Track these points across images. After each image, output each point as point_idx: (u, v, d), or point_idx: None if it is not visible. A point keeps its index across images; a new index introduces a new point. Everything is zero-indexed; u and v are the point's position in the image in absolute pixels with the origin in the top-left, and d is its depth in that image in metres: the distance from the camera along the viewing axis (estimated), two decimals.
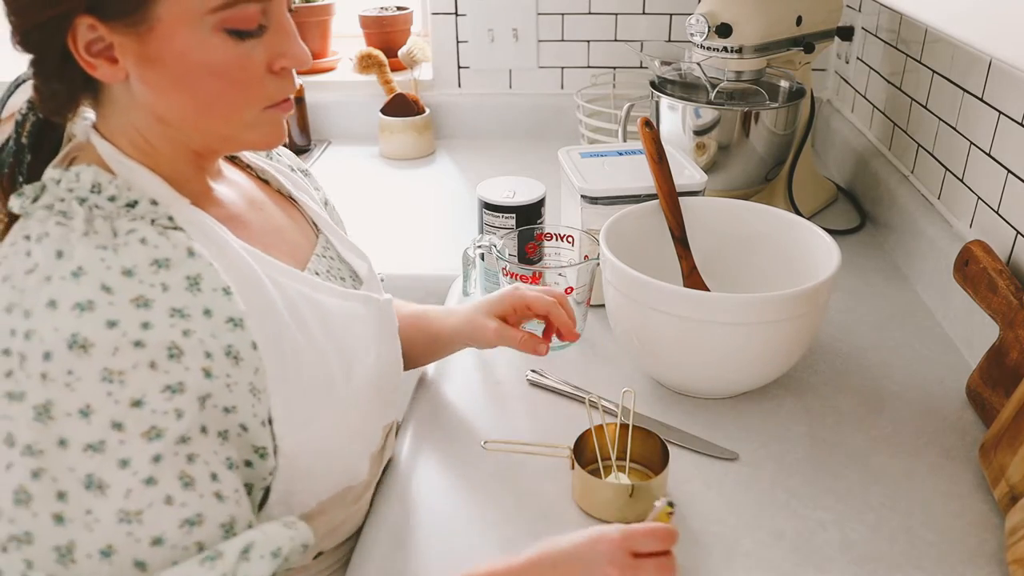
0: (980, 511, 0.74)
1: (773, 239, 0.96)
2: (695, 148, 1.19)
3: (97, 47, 0.57)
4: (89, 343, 0.52)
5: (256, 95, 0.61)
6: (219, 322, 0.58)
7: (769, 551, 0.70)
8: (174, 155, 0.63)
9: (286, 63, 0.62)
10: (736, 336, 0.80)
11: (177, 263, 0.57)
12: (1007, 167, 0.92)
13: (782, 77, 1.24)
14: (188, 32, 0.57)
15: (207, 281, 0.58)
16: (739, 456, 0.81)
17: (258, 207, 0.72)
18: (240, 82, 0.60)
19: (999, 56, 0.47)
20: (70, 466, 0.52)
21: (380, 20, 1.72)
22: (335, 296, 0.71)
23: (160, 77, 0.58)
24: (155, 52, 0.57)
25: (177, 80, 0.58)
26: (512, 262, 0.96)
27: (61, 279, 0.53)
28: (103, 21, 0.56)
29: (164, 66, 0.58)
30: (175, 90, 0.59)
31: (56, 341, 0.52)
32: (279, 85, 0.62)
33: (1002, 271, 0.85)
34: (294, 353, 0.64)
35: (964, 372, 0.92)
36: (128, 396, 0.53)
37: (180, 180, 0.64)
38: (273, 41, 0.61)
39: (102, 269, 0.54)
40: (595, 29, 1.61)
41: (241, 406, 0.59)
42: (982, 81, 0.97)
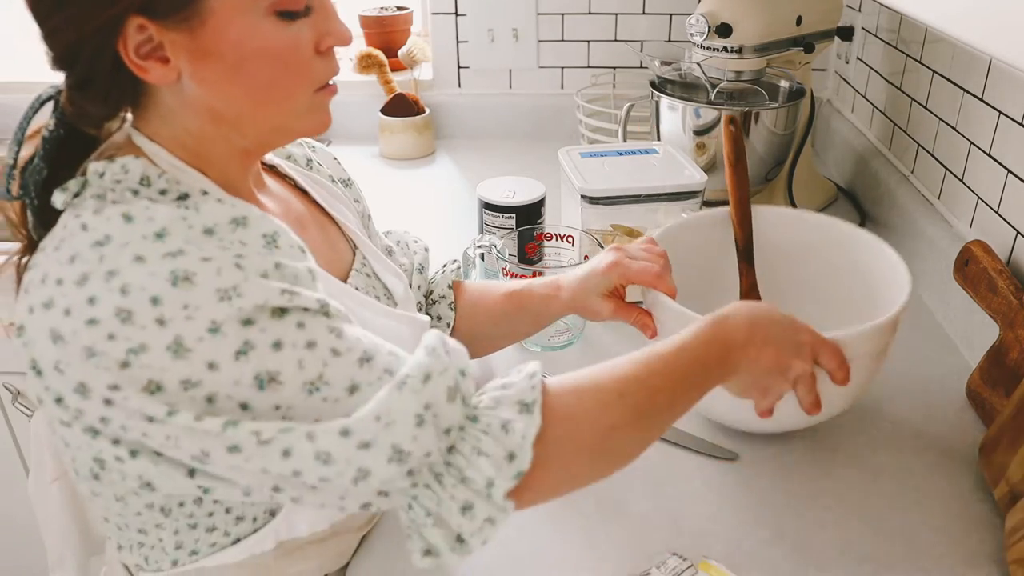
0: (980, 511, 0.74)
1: (832, 254, 0.89)
2: (695, 148, 1.19)
3: (146, 48, 0.55)
4: (191, 273, 0.51)
5: (308, 78, 0.60)
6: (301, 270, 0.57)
7: (769, 551, 0.70)
8: (224, 158, 0.62)
9: (332, 41, 0.61)
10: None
11: (254, 221, 0.57)
12: (1007, 167, 0.92)
13: (782, 77, 1.24)
14: (242, 20, 0.56)
15: (283, 238, 0.58)
16: (739, 456, 0.81)
17: (296, 218, 0.70)
18: (293, 65, 0.59)
19: (999, 56, 0.47)
20: (234, 380, 0.51)
21: (380, 20, 1.72)
22: (378, 313, 0.69)
23: (214, 71, 0.57)
24: (210, 45, 0.55)
25: (233, 71, 0.57)
26: (512, 262, 0.96)
27: (143, 238, 0.52)
28: (154, 20, 0.54)
29: (220, 58, 0.56)
30: (230, 82, 0.57)
31: (158, 284, 0.51)
32: (326, 66, 0.62)
33: (1002, 271, 0.85)
34: None
35: (964, 372, 0.92)
36: (251, 303, 0.52)
37: (229, 185, 0.62)
38: (318, 20, 0.60)
39: (184, 228, 0.54)
40: (595, 29, 1.61)
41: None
42: (982, 81, 0.97)
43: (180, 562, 0.65)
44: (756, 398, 0.69)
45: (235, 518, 0.63)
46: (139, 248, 0.52)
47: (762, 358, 0.65)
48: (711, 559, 0.69)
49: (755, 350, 0.65)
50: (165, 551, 0.64)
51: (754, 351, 0.65)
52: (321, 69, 0.61)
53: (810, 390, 0.69)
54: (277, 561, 0.66)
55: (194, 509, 0.61)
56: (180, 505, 0.61)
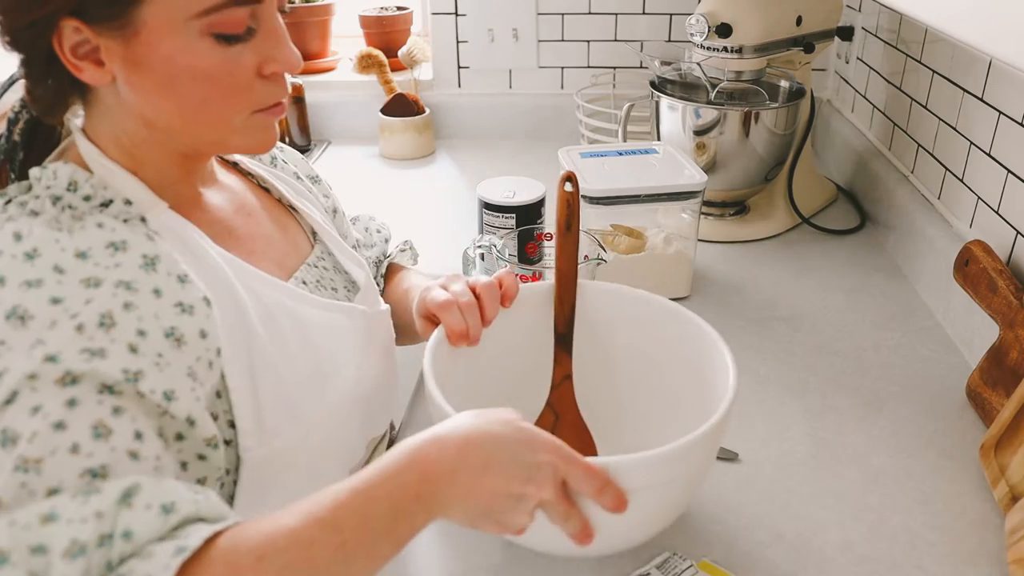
0: (980, 511, 0.74)
1: (664, 338, 0.76)
2: (695, 148, 1.19)
3: (83, 49, 0.56)
4: (28, 315, 0.52)
5: (244, 100, 0.60)
6: (166, 304, 0.56)
7: (769, 551, 0.70)
8: (160, 158, 0.63)
9: (276, 68, 0.60)
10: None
11: (134, 245, 0.57)
12: (1007, 167, 0.92)
13: (782, 77, 1.24)
14: (174, 37, 0.56)
15: (163, 264, 0.57)
16: (739, 456, 0.81)
17: (247, 213, 0.72)
18: (228, 87, 0.59)
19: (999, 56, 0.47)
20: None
21: (380, 20, 1.72)
22: (317, 307, 0.70)
23: (146, 81, 0.57)
24: (141, 56, 0.56)
25: (163, 85, 0.58)
26: (512, 262, 0.96)
27: (12, 257, 0.53)
28: (88, 24, 0.55)
29: (150, 71, 0.57)
30: (161, 95, 0.58)
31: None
32: (269, 90, 0.61)
33: (1002, 271, 0.85)
34: (263, 366, 0.63)
35: (964, 372, 0.92)
36: (44, 353, 0.51)
37: (165, 183, 0.63)
38: (263, 45, 0.60)
39: (56, 251, 0.54)
40: (595, 29, 1.61)
41: (180, 390, 0.55)
42: (982, 81, 0.97)
43: None
44: (490, 530, 0.55)
45: None
46: (5, 267, 0.53)
47: (480, 487, 0.52)
48: (711, 559, 0.69)
49: (468, 477, 0.52)
50: None
51: (467, 479, 0.52)
52: (263, 92, 0.61)
53: (566, 518, 0.56)
54: None
55: None
56: None
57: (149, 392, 0.53)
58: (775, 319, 1.04)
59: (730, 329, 0.73)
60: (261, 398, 0.62)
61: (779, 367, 0.95)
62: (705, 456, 0.63)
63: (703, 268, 1.15)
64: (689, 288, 1.09)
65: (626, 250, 1.06)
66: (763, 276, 1.14)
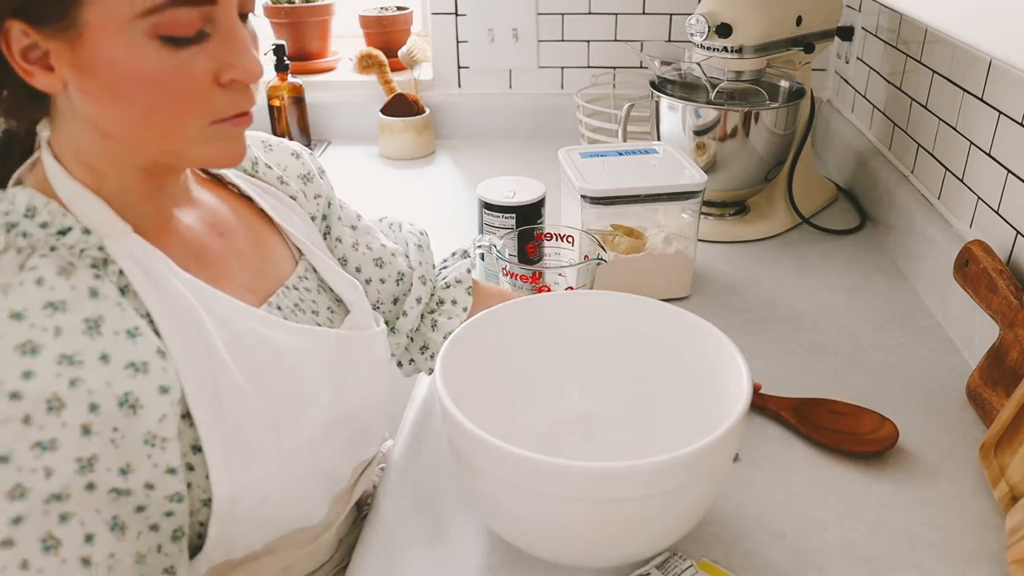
0: (980, 511, 0.74)
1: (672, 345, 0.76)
2: (695, 148, 1.19)
3: (34, 54, 0.54)
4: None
5: (199, 108, 0.56)
6: (117, 368, 0.54)
7: (769, 551, 0.70)
8: (122, 173, 0.60)
9: (235, 75, 0.56)
10: (583, 511, 0.61)
11: (75, 305, 0.53)
12: (1007, 167, 0.92)
13: (782, 77, 1.24)
14: (117, 39, 0.53)
15: (109, 323, 0.54)
16: (739, 456, 0.81)
17: (220, 233, 0.68)
18: (179, 94, 0.55)
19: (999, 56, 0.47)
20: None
21: (380, 20, 1.72)
22: (290, 333, 0.67)
23: (95, 87, 0.54)
24: (86, 60, 0.53)
25: (111, 90, 0.54)
26: (512, 262, 0.96)
27: None
28: (33, 27, 0.52)
29: (96, 75, 0.54)
30: (111, 101, 0.55)
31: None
32: (229, 99, 0.57)
33: (1002, 271, 0.85)
34: (233, 397, 0.60)
35: (964, 372, 0.92)
36: None
37: (129, 201, 0.61)
38: (220, 51, 0.56)
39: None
40: (595, 29, 1.61)
41: (136, 462, 0.54)
42: (982, 81, 0.97)
43: None
44: None
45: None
46: None
47: None
48: (711, 559, 0.69)
49: None
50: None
51: None
52: (222, 101, 0.57)
53: None
54: None
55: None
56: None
57: (104, 473, 0.53)
58: (775, 319, 1.04)
59: (730, 329, 0.73)
60: (233, 429, 0.60)
61: (779, 367, 0.95)
62: (721, 459, 0.63)
63: (703, 268, 1.15)
64: (689, 288, 1.09)
65: (626, 250, 1.06)
66: (763, 276, 1.14)
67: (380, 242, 0.87)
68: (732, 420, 0.61)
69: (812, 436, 0.83)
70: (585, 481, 0.59)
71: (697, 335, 0.74)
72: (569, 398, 0.80)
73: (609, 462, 0.57)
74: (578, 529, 0.62)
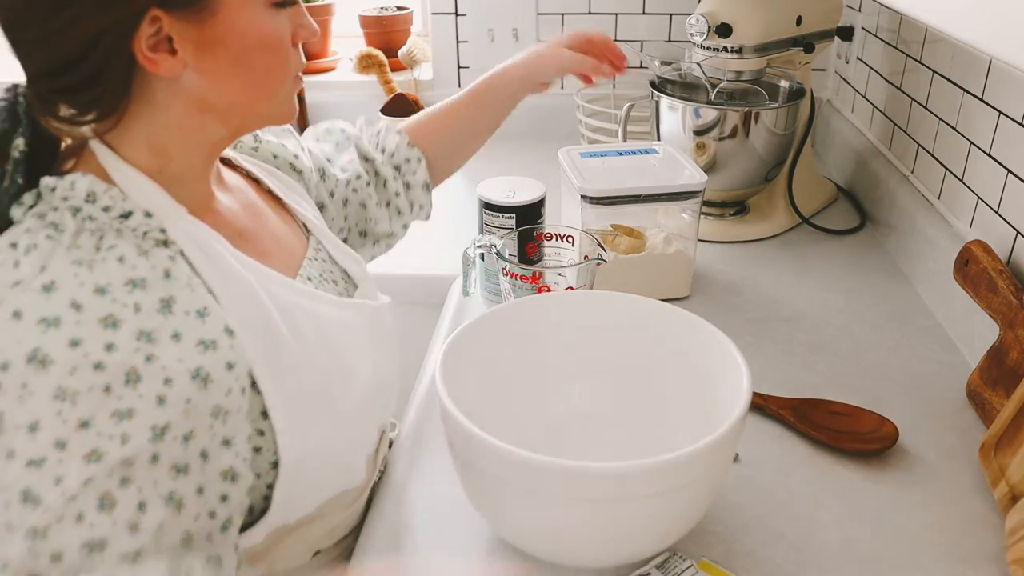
0: (980, 511, 0.74)
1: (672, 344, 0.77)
2: (695, 148, 1.19)
3: (152, 42, 0.56)
4: (49, 360, 0.51)
5: (291, 67, 0.64)
6: (188, 346, 0.56)
7: (769, 551, 0.70)
8: (187, 153, 0.63)
9: (305, 34, 0.65)
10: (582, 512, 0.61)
11: (152, 284, 0.57)
12: (1007, 167, 0.92)
13: (782, 77, 1.24)
14: (249, 10, 0.59)
15: (180, 304, 0.57)
16: (739, 456, 0.81)
17: (256, 212, 0.72)
18: (284, 55, 0.63)
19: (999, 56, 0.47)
20: (13, 478, 0.51)
21: (380, 20, 1.72)
22: (331, 305, 0.70)
23: (218, 61, 0.59)
24: (218, 36, 0.58)
25: (235, 60, 0.60)
26: (512, 262, 0.96)
27: (32, 291, 0.53)
28: (168, 12, 0.55)
29: (224, 48, 0.59)
30: (232, 71, 0.60)
31: (16, 353, 0.51)
32: (298, 58, 0.65)
33: (1002, 271, 0.85)
34: (293, 367, 0.64)
35: (964, 372, 0.92)
36: (77, 417, 0.52)
37: (186, 180, 0.63)
38: (293, 14, 0.63)
39: (75, 285, 0.54)
40: (595, 29, 1.61)
41: (198, 431, 0.57)
42: (982, 81, 0.97)
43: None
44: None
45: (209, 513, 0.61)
46: (24, 301, 0.52)
47: None
48: (711, 559, 0.69)
49: None
50: None
51: None
52: (296, 60, 0.65)
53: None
54: (269, 549, 0.68)
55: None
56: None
57: (171, 443, 0.55)
58: (775, 319, 1.04)
59: (730, 329, 0.73)
60: (295, 397, 0.64)
61: (779, 367, 0.95)
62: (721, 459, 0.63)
63: (703, 268, 1.15)
64: (689, 288, 1.09)
65: (626, 250, 1.06)
66: (763, 276, 1.14)
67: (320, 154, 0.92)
68: (732, 420, 0.61)
69: (812, 436, 0.83)
70: (586, 481, 0.59)
71: (697, 335, 0.74)
72: (569, 398, 0.80)
73: (609, 462, 0.58)
74: (578, 529, 0.62)
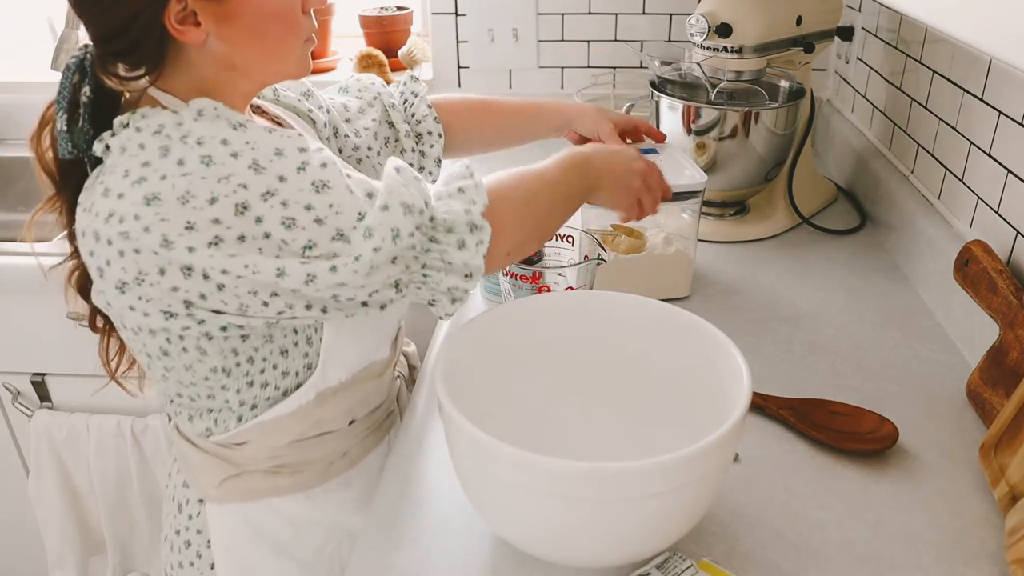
0: (980, 511, 0.74)
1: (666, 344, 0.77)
2: (695, 148, 1.19)
3: (179, 16, 0.67)
4: (280, 151, 0.68)
5: (301, 32, 0.74)
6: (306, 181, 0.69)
7: (769, 551, 0.70)
8: (231, 98, 0.73)
9: (314, 3, 0.74)
10: (579, 511, 0.61)
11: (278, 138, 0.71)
12: (1007, 167, 0.92)
13: (782, 77, 1.24)
14: None
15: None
16: (739, 456, 0.81)
17: None
18: (295, 23, 0.73)
19: (999, 56, 0.47)
20: (298, 187, 0.67)
21: (380, 20, 1.72)
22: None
23: (236, 31, 0.69)
24: (234, 10, 0.68)
25: (251, 30, 0.70)
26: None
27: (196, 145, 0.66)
28: None
29: (241, 20, 0.69)
30: (249, 40, 0.71)
31: (267, 150, 0.67)
32: (309, 22, 0.75)
33: (1002, 271, 0.85)
34: None
35: (964, 372, 0.92)
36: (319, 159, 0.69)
37: None
38: None
39: (217, 141, 0.67)
40: (595, 29, 1.61)
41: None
42: (982, 81, 0.97)
43: (244, 418, 0.78)
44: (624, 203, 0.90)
45: (281, 373, 0.76)
46: (216, 131, 0.67)
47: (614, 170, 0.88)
48: (711, 559, 0.69)
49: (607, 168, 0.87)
50: (231, 409, 0.78)
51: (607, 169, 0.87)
52: (307, 25, 0.75)
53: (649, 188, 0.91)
54: (317, 408, 0.79)
55: (248, 367, 0.74)
56: (236, 365, 0.74)
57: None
58: (775, 319, 1.04)
59: (730, 329, 0.73)
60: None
61: (779, 367, 0.95)
62: (722, 459, 0.63)
63: (703, 268, 1.15)
64: (689, 288, 1.09)
65: (626, 250, 1.06)
66: (763, 276, 1.14)
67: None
68: (732, 420, 0.61)
69: (812, 436, 0.83)
70: (585, 481, 0.59)
71: (697, 335, 0.74)
72: (569, 398, 0.80)
73: (609, 462, 0.58)
74: (578, 529, 0.62)
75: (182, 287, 0.65)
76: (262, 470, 0.82)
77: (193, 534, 0.85)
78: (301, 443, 0.81)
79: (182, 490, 0.86)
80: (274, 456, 0.81)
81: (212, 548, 0.84)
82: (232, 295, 0.66)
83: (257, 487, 0.82)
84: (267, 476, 0.82)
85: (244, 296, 0.66)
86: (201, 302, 0.66)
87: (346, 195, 0.68)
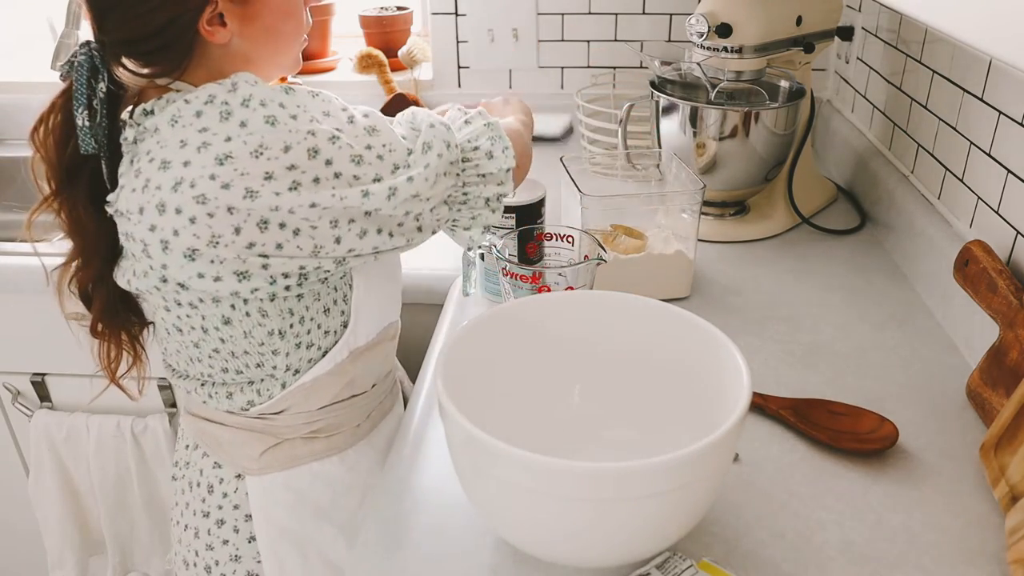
0: (980, 511, 0.74)
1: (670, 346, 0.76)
2: (695, 148, 1.19)
3: (209, 18, 0.73)
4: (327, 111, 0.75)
5: (305, 29, 0.82)
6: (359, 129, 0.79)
7: (769, 551, 0.70)
8: None
9: (313, 1, 0.86)
10: (581, 512, 0.61)
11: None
12: (1007, 167, 0.92)
13: (782, 77, 1.24)
14: None
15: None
16: (739, 456, 0.81)
17: None
18: (301, 20, 0.81)
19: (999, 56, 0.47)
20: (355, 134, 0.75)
21: (380, 20, 1.72)
22: None
23: (256, 30, 0.77)
24: (256, 12, 0.76)
25: (268, 29, 0.78)
26: (512, 262, 0.96)
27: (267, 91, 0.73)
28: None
29: (260, 20, 0.77)
30: (266, 37, 0.78)
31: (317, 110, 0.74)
32: (308, 18, 0.83)
33: (1002, 271, 0.85)
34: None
35: (964, 372, 0.92)
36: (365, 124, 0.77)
37: None
38: None
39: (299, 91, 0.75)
40: (595, 29, 1.61)
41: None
42: (982, 81, 0.97)
43: (287, 384, 0.83)
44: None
45: (324, 332, 0.82)
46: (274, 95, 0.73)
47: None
48: (711, 559, 0.69)
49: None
50: (276, 377, 0.83)
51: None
52: (308, 23, 0.83)
53: None
54: (351, 366, 0.86)
55: (299, 328, 0.80)
56: (291, 326, 0.79)
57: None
58: (775, 319, 1.04)
59: (730, 329, 0.73)
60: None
61: (779, 367, 0.95)
62: (722, 459, 0.63)
63: (703, 268, 1.15)
64: (689, 288, 1.09)
65: (626, 250, 1.06)
66: (763, 276, 1.14)
67: None
68: (732, 420, 0.61)
69: (812, 436, 0.83)
70: (585, 481, 0.59)
71: (697, 335, 0.74)
72: (569, 398, 0.80)
73: (609, 462, 0.58)
74: (578, 529, 0.62)
75: (258, 241, 0.70)
76: (300, 437, 0.86)
77: (228, 511, 0.88)
78: (333, 407, 0.87)
79: (213, 471, 0.89)
80: (309, 422, 0.86)
81: (253, 520, 0.87)
82: (307, 237, 0.72)
83: (296, 453, 0.87)
84: (305, 442, 0.87)
85: (321, 233, 0.72)
86: (277, 252, 0.71)
87: (393, 135, 0.77)
